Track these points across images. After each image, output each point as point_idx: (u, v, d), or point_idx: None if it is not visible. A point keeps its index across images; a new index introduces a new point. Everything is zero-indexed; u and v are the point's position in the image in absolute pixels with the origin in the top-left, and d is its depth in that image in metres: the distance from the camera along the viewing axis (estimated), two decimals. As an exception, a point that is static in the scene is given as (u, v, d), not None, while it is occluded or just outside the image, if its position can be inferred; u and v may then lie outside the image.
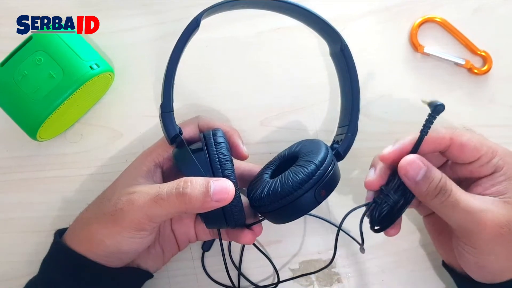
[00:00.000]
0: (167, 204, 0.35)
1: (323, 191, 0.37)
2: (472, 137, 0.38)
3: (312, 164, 0.37)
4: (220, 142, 0.38)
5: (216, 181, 0.35)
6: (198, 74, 0.50)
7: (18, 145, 0.48)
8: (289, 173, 0.37)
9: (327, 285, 0.46)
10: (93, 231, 0.38)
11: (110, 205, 0.38)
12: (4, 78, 0.43)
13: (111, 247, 0.37)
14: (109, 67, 0.47)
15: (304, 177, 0.36)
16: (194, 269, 0.46)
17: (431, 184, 0.36)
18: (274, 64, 0.50)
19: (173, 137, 0.37)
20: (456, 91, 0.50)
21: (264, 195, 0.37)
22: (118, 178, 0.42)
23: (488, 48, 0.49)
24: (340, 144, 0.41)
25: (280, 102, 0.49)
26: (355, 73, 0.41)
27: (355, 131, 0.41)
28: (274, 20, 0.51)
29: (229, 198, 0.35)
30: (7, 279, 0.46)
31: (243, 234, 0.40)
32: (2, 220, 0.47)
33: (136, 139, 0.49)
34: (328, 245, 0.47)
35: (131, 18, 0.51)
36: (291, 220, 0.38)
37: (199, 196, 0.34)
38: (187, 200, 0.35)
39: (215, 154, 0.37)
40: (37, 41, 0.43)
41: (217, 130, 0.39)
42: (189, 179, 0.35)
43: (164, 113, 0.37)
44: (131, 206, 0.36)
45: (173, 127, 0.37)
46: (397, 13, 0.51)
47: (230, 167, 0.37)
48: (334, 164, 0.38)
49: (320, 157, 0.38)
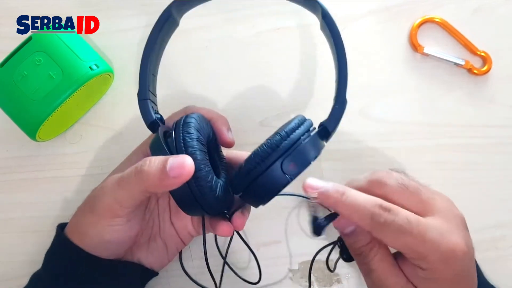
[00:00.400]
0: (128, 185, 0.35)
1: (292, 164, 0.34)
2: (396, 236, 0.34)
3: (277, 135, 0.35)
4: (188, 122, 0.36)
5: (174, 157, 0.34)
6: (198, 74, 0.50)
7: (18, 145, 0.48)
8: (257, 149, 0.35)
9: (327, 286, 0.46)
10: (79, 223, 0.39)
11: (92, 195, 0.39)
12: (4, 79, 0.43)
13: (94, 238, 0.38)
14: (109, 67, 0.47)
15: (267, 149, 0.34)
16: (193, 269, 0.46)
17: (355, 243, 0.35)
18: (274, 64, 0.50)
19: (151, 125, 0.37)
20: (456, 92, 0.50)
21: (235, 174, 0.36)
22: (113, 170, 0.42)
23: (488, 49, 0.49)
24: (328, 117, 0.37)
25: (280, 102, 0.49)
26: (339, 39, 0.38)
27: (344, 102, 0.37)
28: (274, 20, 0.51)
29: (186, 173, 0.33)
30: (7, 279, 0.47)
31: (219, 224, 0.38)
32: (2, 220, 0.47)
33: (136, 139, 0.48)
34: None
35: (131, 18, 0.51)
36: (266, 199, 0.36)
37: (156, 173, 0.33)
38: (144, 178, 0.34)
39: (180, 134, 0.35)
40: (37, 41, 0.44)
41: (192, 114, 0.38)
42: (148, 158, 0.35)
43: (140, 101, 0.37)
44: (101, 191, 0.37)
45: (149, 114, 0.37)
46: (397, 13, 0.51)
47: (194, 144, 0.35)
48: (308, 136, 0.35)
49: (288, 127, 0.35)
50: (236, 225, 0.39)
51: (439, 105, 0.49)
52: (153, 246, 0.42)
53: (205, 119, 0.40)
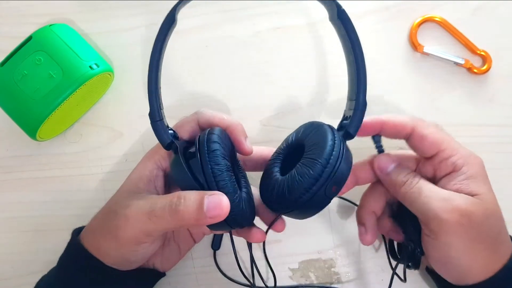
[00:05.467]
0: (161, 220, 0.35)
1: (334, 187, 0.36)
2: (435, 131, 0.39)
3: (317, 164, 0.35)
4: (214, 149, 0.35)
5: (210, 197, 0.34)
6: (198, 74, 0.50)
7: (18, 144, 0.48)
8: (295, 175, 0.36)
9: (327, 285, 0.46)
10: (100, 243, 0.38)
11: (111, 217, 0.37)
12: (4, 78, 0.43)
13: (117, 259, 0.38)
14: (109, 67, 0.47)
15: (310, 180, 0.35)
16: (194, 268, 0.46)
17: (399, 175, 0.39)
18: (274, 64, 0.50)
19: (168, 145, 0.37)
20: (456, 91, 0.50)
21: (273, 198, 0.37)
22: (124, 182, 0.40)
23: (488, 48, 0.49)
24: (349, 122, 0.38)
25: (280, 102, 0.49)
26: (357, 40, 0.38)
27: (364, 105, 0.38)
28: (274, 20, 0.51)
29: (223, 214, 0.34)
30: (7, 278, 0.47)
31: (251, 233, 0.39)
32: (2, 219, 0.47)
33: (136, 139, 0.49)
34: (328, 245, 0.47)
35: (131, 18, 0.51)
36: (307, 218, 0.38)
37: (193, 214, 0.34)
38: (180, 217, 0.34)
39: (208, 164, 0.35)
40: (37, 41, 0.44)
41: (212, 134, 0.37)
42: (182, 195, 0.34)
43: (154, 122, 0.36)
44: (126, 222, 0.36)
45: (166, 135, 0.36)
46: (397, 13, 0.51)
47: (225, 177, 0.35)
48: (342, 154, 0.36)
49: (325, 153, 0.36)
50: (279, 229, 0.40)
51: (439, 104, 0.49)
52: (167, 251, 0.43)
53: (224, 133, 0.38)
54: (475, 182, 0.37)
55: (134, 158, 0.48)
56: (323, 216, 0.46)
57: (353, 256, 0.47)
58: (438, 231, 0.36)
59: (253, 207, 0.38)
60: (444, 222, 0.35)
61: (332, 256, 0.47)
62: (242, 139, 0.40)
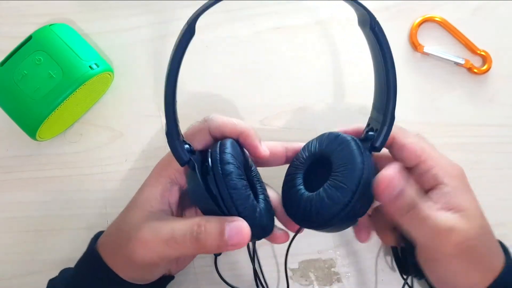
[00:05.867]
0: (181, 247, 0.34)
1: (361, 207, 0.36)
2: (415, 141, 0.38)
3: (347, 190, 0.35)
4: (230, 172, 0.34)
5: (231, 224, 0.33)
6: (198, 74, 0.50)
7: (18, 144, 0.48)
8: (324, 196, 0.36)
9: (327, 285, 0.46)
10: (116, 261, 0.37)
11: (125, 239, 0.36)
12: (4, 78, 0.43)
13: (134, 276, 0.38)
14: (109, 66, 0.47)
15: (340, 206, 0.35)
16: (194, 268, 0.46)
17: (404, 200, 0.34)
18: (274, 64, 0.50)
19: (185, 164, 0.36)
20: (456, 91, 0.50)
21: (299, 215, 0.37)
22: (135, 196, 0.39)
23: (488, 48, 0.49)
24: (376, 135, 0.37)
25: (280, 102, 0.49)
26: (389, 55, 0.37)
27: (393, 120, 0.37)
28: (274, 19, 0.51)
29: (244, 242, 0.33)
30: (7, 278, 0.47)
31: (275, 237, 0.39)
32: (2, 219, 0.47)
33: (136, 139, 0.49)
34: (328, 244, 0.47)
35: (131, 18, 0.51)
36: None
37: (214, 242, 0.34)
38: (202, 246, 0.34)
39: (225, 190, 0.34)
40: (37, 41, 0.44)
41: (224, 152, 0.35)
42: (203, 224, 0.34)
43: (171, 141, 0.35)
44: (143, 247, 0.35)
45: (184, 154, 0.35)
46: (397, 13, 0.51)
47: (243, 201, 0.34)
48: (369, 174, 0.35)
49: (355, 179, 0.35)
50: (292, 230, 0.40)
51: (439, 104, 0.49)
52: (181, 258, 0.43)
53: (237, 145, 0.38)
54: (457, 196, 0.36)
55: (134, 158, 0.48)
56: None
57: (353, 256, 0.47)
58: (440, 258, 0.36)
59: (273, 214, 0.38)
60: (446, 252, 0.35)
61: (332, 256, 0.47)
62: (257, 144, 0.39)
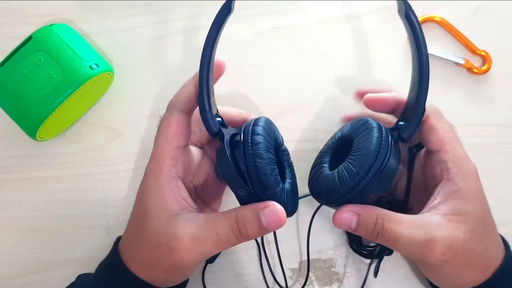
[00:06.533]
0: (228, 244, 0.36)
1: (372, 195, 0.36)
2: (446, 129, 0.38)
3: (355, 176, 0.35)
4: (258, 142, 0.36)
5: (266, 211, 0.35)
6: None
7: (18, 144, 0.48)
8: (335, 178, 0.36)
9: (327, 285, 0.46)
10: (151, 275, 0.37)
11: (164, 252, 0.35)
12: (4, 78, 0.43)
13: (164, 282, 0.38)
14: (109, 67, 0.47)
15: (347, 189, 0.36)
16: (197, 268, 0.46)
17: (367, 228, 0.35)
18: (274, 64, 0.50)
19: (214, 134, 0.37)
20: (456, 91, 0.50)
21: (314, 193, 0.39)
22: (144, 204, 0.37)
23: (488, 48, 0.49)
24: (404, 127, 0.37)
25: (280, 102, 0.49)
26: (420, 43, 0.37)
27: (422, 112, 0.37)
28: (274, 19, 0.51)
29: (282, 224, 0.35)
30: (7, 278, 0.47)
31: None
32: (2, 219, 0.47)
33: (136, 139, 0.49)
34: (328, 244, 0.47)
35: (131, 18, 0.51)
36: None
37: (256, 232, 0.35)
38: (245, 238, 0.35)
39: (251, 158, 0.35)
40: (37, 41, 0.44)
41: (257, 125, 0.37)
42: (240, 219, 0.35)
43: (202, 112, 0.36)
44: (189, 256, 0.35)
45: (214, 124, 0.36)
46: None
47: (267, 171, 0.35)
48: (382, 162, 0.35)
49: (364, 169, 0.35)
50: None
51: (439, 104, 0.48)
52: None
53: (270, 123, 0.39)
54: (460, 198, 0.36)
55: (134, 158, 0.48)
56: (323, 216, 0.46)
57: (353, 256, 0.47)
58: (426, 268, 0.38)
59: (297, 197, 0.39)
60: (429, 263, 0.36)
61: (332, 256, 0.47)
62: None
